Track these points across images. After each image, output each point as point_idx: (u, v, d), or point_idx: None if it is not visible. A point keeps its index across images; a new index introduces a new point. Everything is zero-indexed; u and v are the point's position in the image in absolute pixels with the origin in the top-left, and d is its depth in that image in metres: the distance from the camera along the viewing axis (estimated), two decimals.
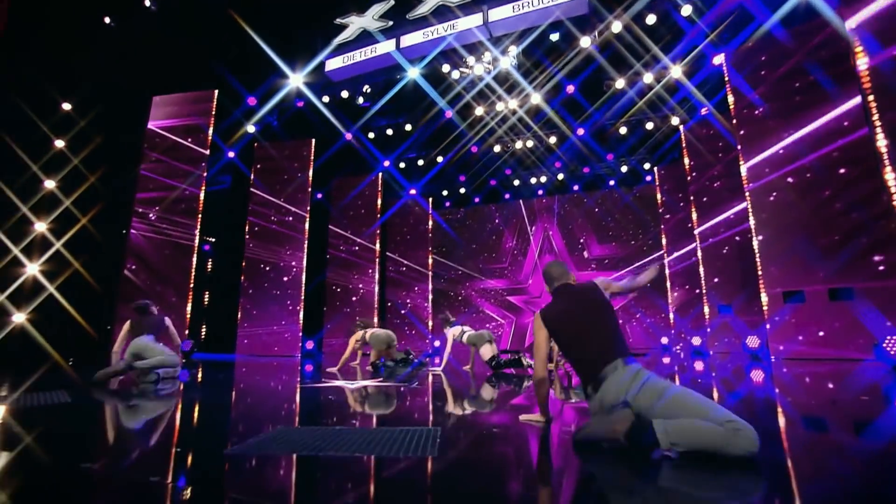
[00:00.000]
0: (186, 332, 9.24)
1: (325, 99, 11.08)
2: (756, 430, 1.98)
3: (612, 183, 13.19)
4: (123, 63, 8.93)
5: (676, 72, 9.60)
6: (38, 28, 8.09)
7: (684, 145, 10.21)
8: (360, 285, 12.50)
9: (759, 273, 7.42)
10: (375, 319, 12.30)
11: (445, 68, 10.29)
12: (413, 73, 10.37)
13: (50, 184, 8.40)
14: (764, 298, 7.34)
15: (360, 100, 10.65)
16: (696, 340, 9.94)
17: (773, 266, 7.28)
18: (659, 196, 11.82)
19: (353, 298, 12.43)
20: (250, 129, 10.96)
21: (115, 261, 9.11)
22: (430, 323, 14.00)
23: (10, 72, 7.75)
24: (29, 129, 8.06)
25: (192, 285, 9.14)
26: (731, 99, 7.98)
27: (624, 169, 12.80)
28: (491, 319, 14.33)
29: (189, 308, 9.11)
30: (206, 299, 11.04)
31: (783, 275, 7.18)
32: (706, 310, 9.54)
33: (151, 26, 8.79)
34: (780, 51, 7.56)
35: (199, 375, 6.58)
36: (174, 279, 9.22)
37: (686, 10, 8.33)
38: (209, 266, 11.27)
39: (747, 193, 7.64)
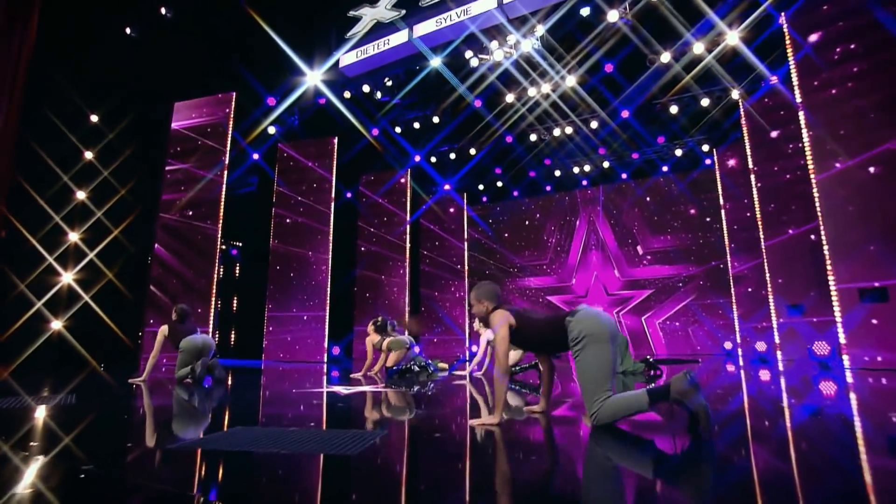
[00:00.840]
0: (216, 338, 9.64)
1: (347, 94, 11.15)
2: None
3: (665, 169, 12.32)
4: (146, 72, 9.43)
5: (733, 38, 8.71)
6: (66, 40, 8.68)
7: (744, 123, 9.27)
8: (391, 287, 12.51)
9: (829, 266, 6.55)
10: (406, 320, 12.25)
11: (468, 55, 10.00)
12: (435, 62, 10.18)
13: (81, 194, 9.03)
14: (834, 296, 6.48)
15: (378, 95, 10.59)
16: (761, 346, 9.03)
17: (845, 259, 6.40)
18: (719, 182, 10.86)
19: (385, 301, 12.47)
20: (271, 129, 11.25)
21: (144, 270, 9.66)
22: (467, 326, 13.79)
23: (41, 84, 8.37)
24: (59, 140, 8.69)
25: (214, 291, 9.52)
26: (795, 67, 7.09)
27: (678, 153, 11.89)
28: None
29: (212, 314, 9.49)
30: (235, 305, 11.49)
31: (860, 268, 6.29)
32: (773, 312, 8.62)
33: (168, 33, 9.20)
34: (862, 9, 6.60)
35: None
36: (197, 286, 9.64)
37: None
38: (237, 271, 11.72)
39: (813, 178, 6.77)
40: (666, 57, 9.47)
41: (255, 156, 11.97)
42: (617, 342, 2.83)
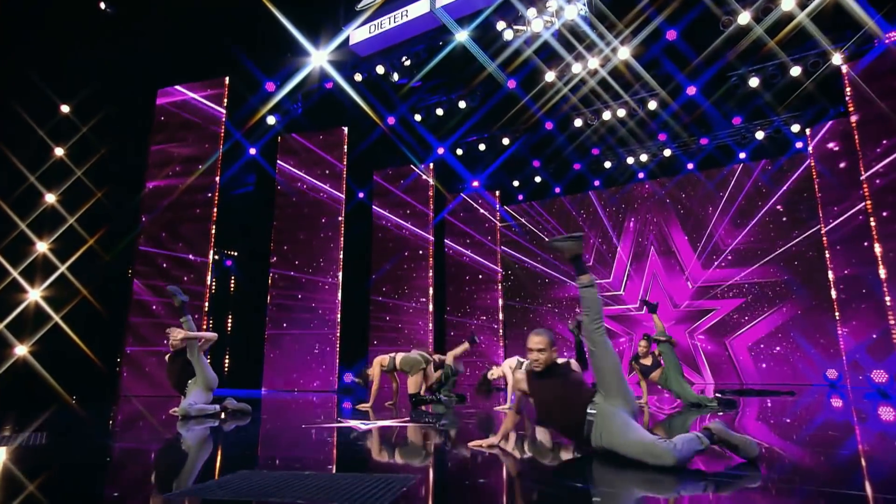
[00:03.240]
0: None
1: (358, 77, 10.69)
2: None
3: (742, 155, 11.41)
4: (125, 56, 9.15)
5: None
6: (34, 24, 8.45)
7: (849, 95, 8.36)
8: (413, 302, 11.92)
9: None
10: (430, 342, 11.64)
11: (500, 26, 9.40)
12: (461, 36, 9.63)
13: (50, 197, 8.75)
14: None
15: (396, 77, 10.08)
16: (881, 376, 8.03)
17: None
18: (814, 169, 9.92)
19: (405, 319, 11.87)
20: (271, 120, 10.86)
21: (124, 285, 9.32)
22: (503, 346, 13.08)
23: (4, 72, 8.13)
24: (25, 134, 8.43)
25: (206, 310, 9.09)
26: None
27: (759, 135, 10.97)
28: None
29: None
30: (230, 324, 11.08)
31: None
32: (894, 332, 7.65)
33: (149, 9, 8.91)
34: None
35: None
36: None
37: None
38: (232, 285, 11.33)
39: None
40: (745, 17, 8.67)
41: (252, 151, 11.61)
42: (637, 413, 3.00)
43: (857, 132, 8.30)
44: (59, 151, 8.99)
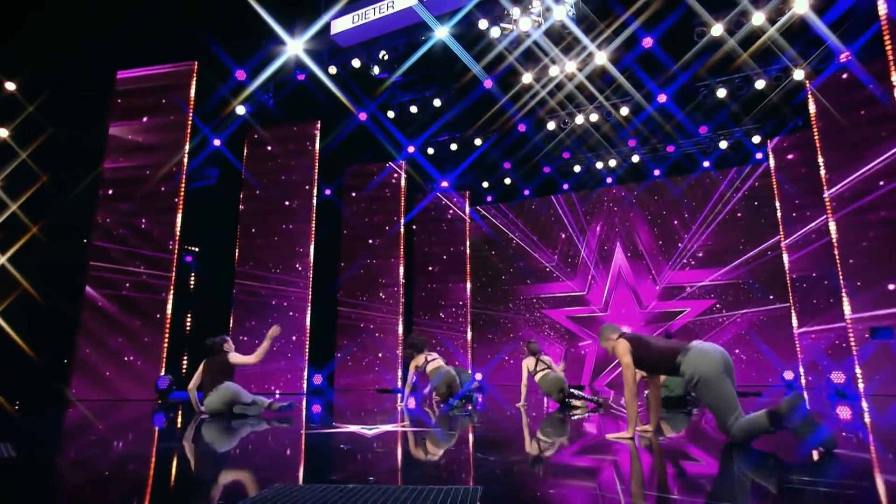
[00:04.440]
0: (163, 366, 8.76)
1: (332, 70, 10.49)
2: None
3: (706, 164, 11.99)
4: (80, 31, 8.62)
5: (802, 5, 8.40)
6: None
7: (812, 109, 8.95)
8: (382, 301, 11.77)
9: None
10: (400, 346, 11.54)
11: (483, 24, 9.48)
12: (441, 32, 9.62)
13: None
14: None
15: (376, 70, 9.97)
16: (838, 377, 8.60)
17: None
18: (774, 179, 10.55)
19: (374, 318, 11.70)
20: (240, 110, 10.49)
21: (76, 280, 8.73)
22: (470, 350, 13.13)
23: None
24: None
25: (169, 309, 8.64)
26: (888, 39, 6.77)
27: (723, 145, 11.57)
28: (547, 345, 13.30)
29: (166, 336, 8.60)
30: (189, 324, 10.58)
31: None
32: (850, 331, 8.22)
33: None
34: None
35: (179, 420, 6.05)
36: (145, 301, 8.75)
37: None
38: (192, 282, 10.83)
39: None
40: (718, 29, 9.13)
41: (217, 142, 11.15)
42: (731, 370, 3.42)
43: (819, 143, 8.88)
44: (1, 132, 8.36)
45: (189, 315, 10.54)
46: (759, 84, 10.03)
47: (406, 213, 12.45)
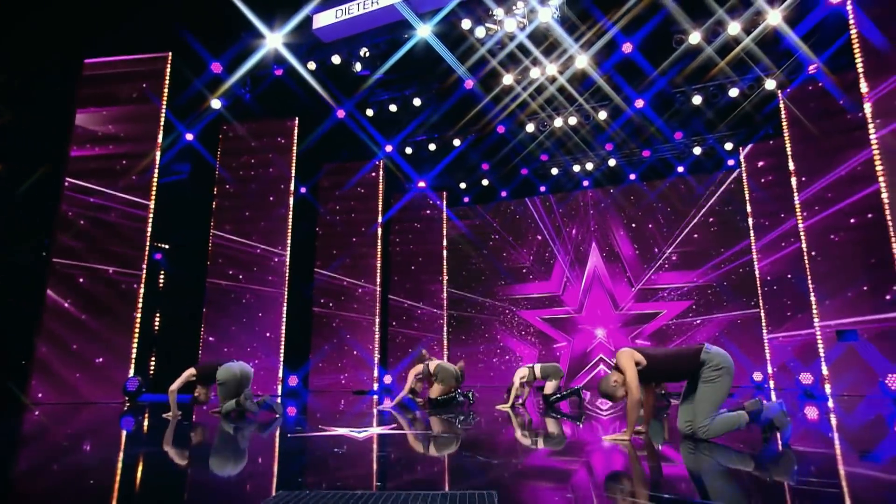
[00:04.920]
0: (132, 367, 8.48)
1: (312, 66, 10.36)
2: None
3: (680, 169, 12.28)
4: (46, 15, 8.29)
5: (775, 17, 8.70)
6: None
7: (784, 117, 9.27)
8: (358, 302, 11.67)
9: None
10: (376, 348, 11.46)
11: (466, 24, 9.50)
12: (424, 31, 9.60)
13: None
14: None
15: (358, 66, 9.89)
16: (806, 378, 8.92)
17: None
18: (746, 185, 10.88)
19: (350, 319, 11.58)
20: (215, 104, 10.25)
21: (36, 279, 8.38)
22: (445, 351, 13.12)
23: None
24: None
25: (139, 307, 8.37)
26: (858, 52, 7.06)
27: (697, 151, 11.88)
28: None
29: (136, 336, 8.33)
30: (157, 324, 10.26)
31: None
32: (818, 334, 8.53)
33: None
34: None
35: (146, 423, 5.86)
36: (113, 300, 8.45)
37: None
38: (161, 281, 10.51)
39: (882, 181, 6.69)
40: (696, 37, 9.37)
41: (189, 136, 10.88)
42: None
43: (791, 151, 9.20)
44: None
45: (158, 314, 10.23)
46: (733, 92, 10.33)
47: (383, 212, 12.38)
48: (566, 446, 4.17)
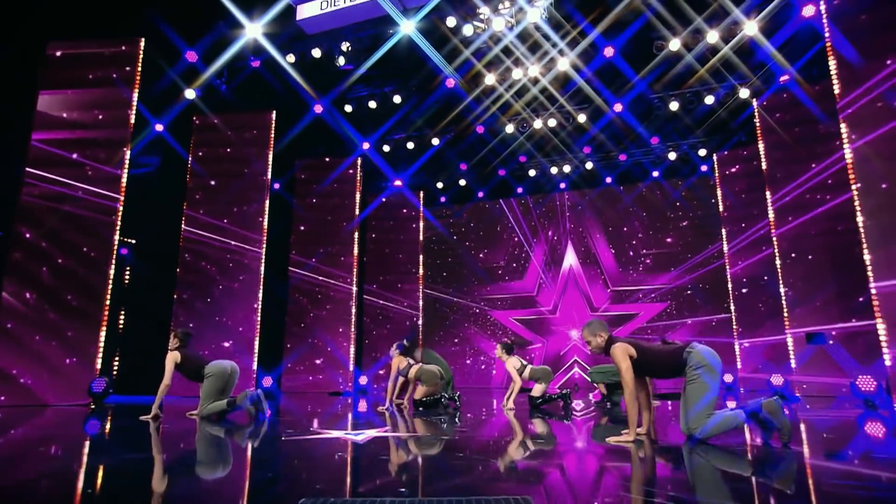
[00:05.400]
0: (98, 367, 8.10)
1: (291, 59, 10.15)
2: None
3: (655, 174, 12.55)
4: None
5: (751, 28, 8.98)
6: None
7: (758, 124, 9.58)
8: (333, 302, 11.50)
9: (870, 277, 6.74)
10: (352, 348, 11.30)
11: (451, 22, 9.47)
12: (407, 27, 9.52)
13: None
14: (879, 319, 6.64)
15: (342, 61, 9.74)
16: (777, 379, 9.23)
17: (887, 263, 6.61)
18: (719, 190, 11.19)
19: (325, 318, 11.39)
20: (189, 94, 9.91)
21: None
22: (421, 349, 13.02)
23: None
24: None
25: (107, 303, 8.00)
26: (833, 64, 7.34)
27: (672, 156, 12.16)
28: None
29: (102, 333, 7.95)
30: (122, 322, 9.85)
31: None
32: (789, 336, 8.85)
33: None
34: None
35: (108, 425, 5.57)
36: (76, 296, 8.06)
37: None
38: (126, 277, 10.10)
39: (854, 189, 6.97)
40: (675, 44, 9.59)
41: (160, 126, 10.50)
42: (722, 375, 3.94)
43: (765, 158, 9.51)
44: None
45: (123, 312, 9.82)
46: (709, 99, 10.63)
47: (360, 210, 12.22)
48: (582, 449, 4.18)
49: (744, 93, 10.30)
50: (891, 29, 7.13)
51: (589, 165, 12.93)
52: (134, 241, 10.17)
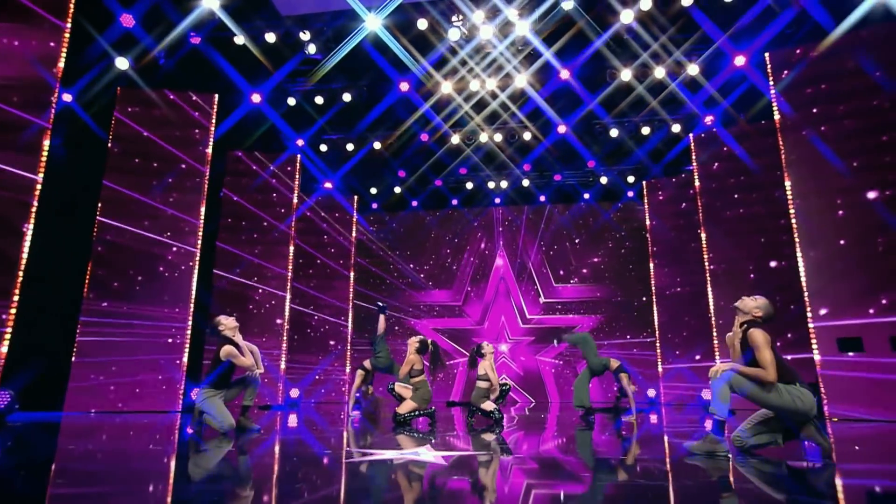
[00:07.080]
0: None
1: (240, 40, 9.48)
2: None
3: (586, 196, 13.38)
4: None
5: (693, 69, 10.01)
6: None
7: (694, 157, 10.63)
8: (262, 310, 10.76)
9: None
10: (283, 359, 10.64)
11: (422, 24, 9.45)
12: (373, 22, 9.32)
13: None
14: (813, 339, 7.68)
15: (312, 48, 9.28)
16: (707, 394, 10.19)
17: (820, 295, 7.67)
18: (648, 217, 12.18)
19: (254, 325, 10.58)
20: (122, 63, 8.82)
21: None
22: (349, 356, 12.60)
23: None
24: None
25: (15, 302, 6.77)
26: (774, 105, 8.41)
27: (604, 180, 13.06)
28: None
29: (5, 342, 6.70)
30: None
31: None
32: (717, 354, 9.84)
33: None
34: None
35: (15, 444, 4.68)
36: None
37: None
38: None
39: (793, 212, 7.99)
40: (627, 74, 10.39)
41: (68, 97, 9.19)
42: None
43: (700, 184, 10.54)
44: None
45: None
46: (646, 130, 11.62)
47: (295, 210, 11.59)
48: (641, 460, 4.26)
49: (675, 128, 11.38)
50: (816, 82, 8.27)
51: (525, 182, 13.45)
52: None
